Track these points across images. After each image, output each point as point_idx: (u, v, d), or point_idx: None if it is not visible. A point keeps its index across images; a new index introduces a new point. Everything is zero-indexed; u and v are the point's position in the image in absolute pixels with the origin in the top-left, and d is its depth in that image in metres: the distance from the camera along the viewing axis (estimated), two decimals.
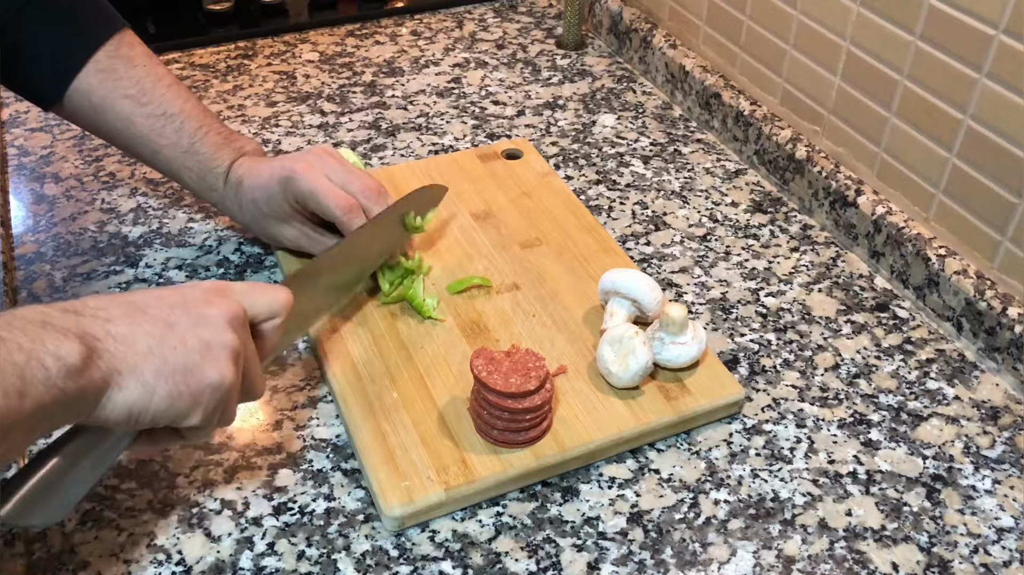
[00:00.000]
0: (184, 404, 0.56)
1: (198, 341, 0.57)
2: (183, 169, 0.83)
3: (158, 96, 0.82)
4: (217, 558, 0.65)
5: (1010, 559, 0.66)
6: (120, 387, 0.53)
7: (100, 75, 0.81)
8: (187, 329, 0.57)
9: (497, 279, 0.85)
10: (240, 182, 0.83)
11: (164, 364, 0.55)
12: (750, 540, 0.67)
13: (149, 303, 0.57)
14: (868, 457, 0.73)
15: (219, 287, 0.62)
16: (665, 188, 1.01)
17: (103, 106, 0.81)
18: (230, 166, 0.84)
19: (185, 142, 0.82)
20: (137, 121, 0.82)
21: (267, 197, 0.81)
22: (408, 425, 0.71)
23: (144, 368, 0.54)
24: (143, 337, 0.55)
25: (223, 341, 0.58)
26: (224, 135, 0.85)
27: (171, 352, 0.55)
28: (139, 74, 0.82)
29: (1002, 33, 0.75)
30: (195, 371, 0.56)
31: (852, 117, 0.92)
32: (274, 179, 0.81)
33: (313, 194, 0.79)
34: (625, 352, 0.72)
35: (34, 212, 0.95)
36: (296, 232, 0.84)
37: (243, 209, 0.84)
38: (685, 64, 1.12)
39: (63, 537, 0.66)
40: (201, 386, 0.56)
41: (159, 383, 0.54)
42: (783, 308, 0.86)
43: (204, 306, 0.59)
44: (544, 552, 0.66)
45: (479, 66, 1.22)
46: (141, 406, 0.54)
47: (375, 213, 0.80)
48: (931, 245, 0.85)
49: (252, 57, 1.22)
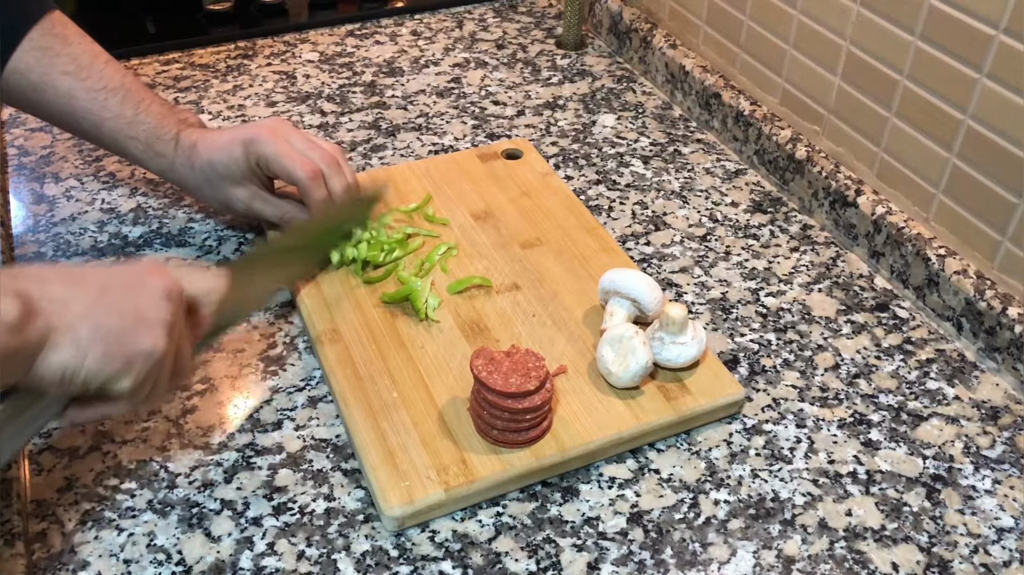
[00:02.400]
0: (116, 367, 0.57)
1: (132, 308, 0.58)
2: (128, 139, 0.85)
3: (96, 71, 0.83)
4: (217, 558, 0.65)
5: (1010, 559, 0.66)
6: (55, 346, 0.54)
7: (36, 53, 0.82)
8: (122, 297, 0.58)
9: (497, 279, 0.85)
10: (194, 145, 0.84)
11: (98, 326, 0.56)
12: (750, 540, 0.67)
13: (86, 272, 0.59)
14: (868, 457, 0.73)
15: (157, 264, 0.64)
16: (665, 188, 1.01)
17: (42, 84, 0.82)
18: (177, 133, 0.85)
19: (129, 113, 0.84)
20: (79, 95, 0.83)
21: (226, 158, 0.83)
22: (408, 425, 0.71)
23: (79, 328, 0.55)
24: (78, 300, 0.56)
25: (157, 312, 0.60)
26: (166, 106, 0.87)
27: (105, 316, 0.57)
28: (75, 51, 0.83)
29: (1002, 33, 0.75)
30: (128, 336, 0.57)
31: (852, 117, 0.92)
32: (236, 141, 0.83)
33: (278, 157, 0.82)
34: (625, 352, 0.72)
35: (34, 212, 0.95)
36: (249, 194, 0.86)
37: (195, 171, 0.85)
38: (685, 64, 1.12)
39: (63, 537, 0.66)
40: (134, 351, 0.58)
41: (93, 344, 0.56)
42: (783, 308, 0.86)
43: (142, 277, 0.61)
44: (544, 552, 0.66)
45: (479, 66, 1.22)
46: (74, 366, 0.55)
47: (334, 183, 0.83)
48: (931, 245, 0.85)
49: (252, 57, 1.22)
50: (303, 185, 0.82)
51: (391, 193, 0.94)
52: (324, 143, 0.86)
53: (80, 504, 0.68)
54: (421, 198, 0.94)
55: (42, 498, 0.68)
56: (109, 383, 0.58)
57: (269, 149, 0.82)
